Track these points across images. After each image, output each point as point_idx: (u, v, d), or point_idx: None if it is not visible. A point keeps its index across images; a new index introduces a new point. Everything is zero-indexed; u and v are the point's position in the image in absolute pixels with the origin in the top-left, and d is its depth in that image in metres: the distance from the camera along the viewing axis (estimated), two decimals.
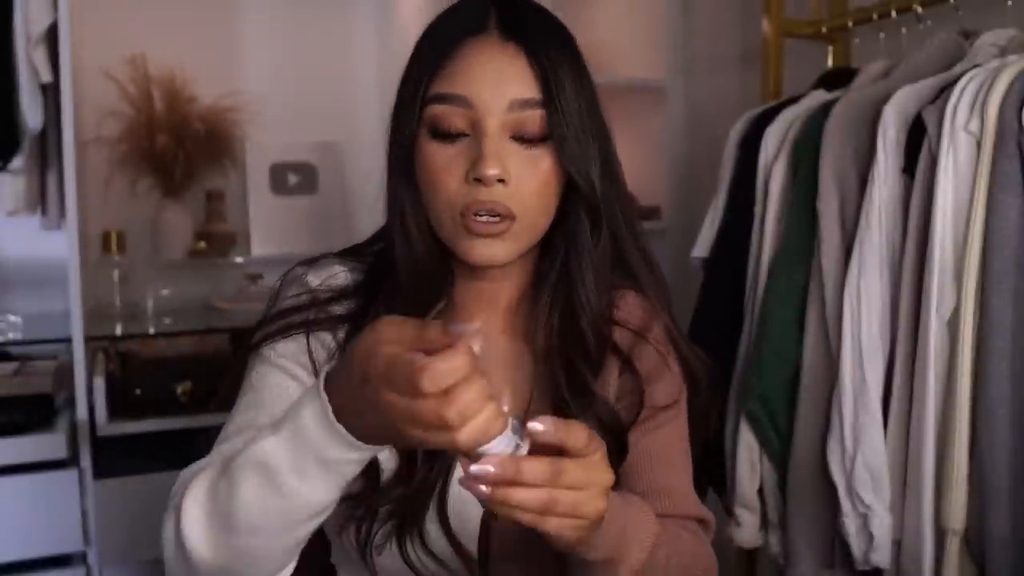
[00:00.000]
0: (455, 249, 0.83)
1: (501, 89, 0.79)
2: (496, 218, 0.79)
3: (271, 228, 2.54)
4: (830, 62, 1.71)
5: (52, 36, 1.83)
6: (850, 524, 1.27)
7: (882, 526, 1.24)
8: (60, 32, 1.80)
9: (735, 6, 2.07)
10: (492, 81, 0.79)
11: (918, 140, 1.22)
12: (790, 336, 1.38)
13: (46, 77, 1.83)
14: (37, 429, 1.88)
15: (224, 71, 2.55)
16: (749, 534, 1.47)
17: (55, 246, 2.02)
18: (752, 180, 1.50)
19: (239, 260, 2.54)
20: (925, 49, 1.35)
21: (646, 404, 0.89)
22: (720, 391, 1.42)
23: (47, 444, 1.86)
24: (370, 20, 2.73)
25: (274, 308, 0.89)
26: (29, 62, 1.81)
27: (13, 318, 2.15)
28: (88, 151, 2.32)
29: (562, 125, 0.80)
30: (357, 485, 0.86)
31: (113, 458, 1.94)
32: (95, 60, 2.30)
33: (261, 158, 2.57)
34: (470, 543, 0.85)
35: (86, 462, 1.88)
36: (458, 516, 0.84)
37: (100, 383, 1.94)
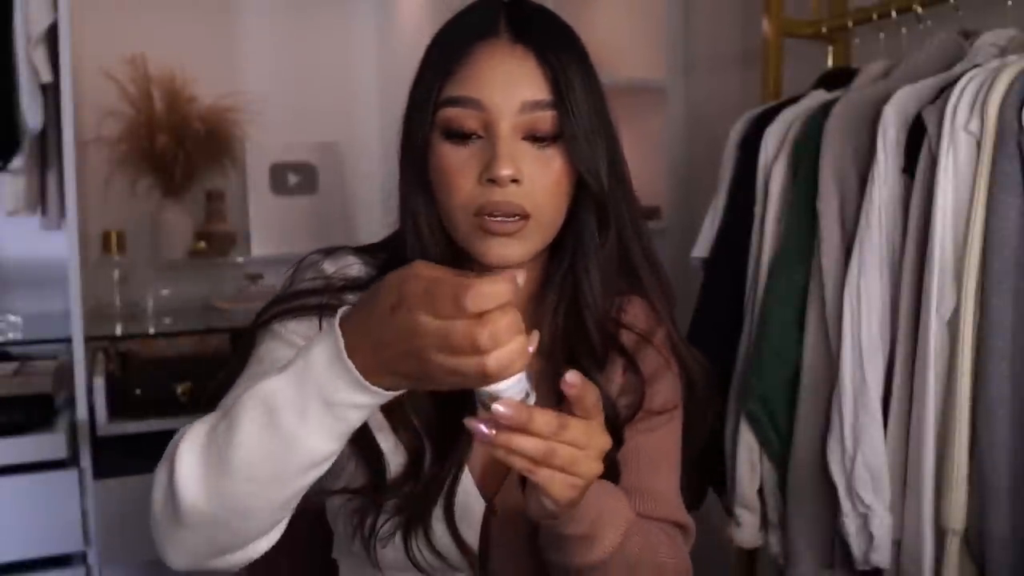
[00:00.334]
0: (470, 250, 0.83)
1: (512, 91, 0.80)
2: (512, 218, 0.80)
3: (271, 228, 2.54)
4: (830, 62, 1.71)
5: (52, 36, 1.83)
6: (850, 524, 1.27)
7: (882, 526, 1.24)
8: (60, 32, 1.80)
9: (735, 6, 2.07)
10: (504, 83, 0.80)
11: (918, 140, 1.22)
12: (790, 336, 1.38)
13: (46, 77, 1.83)
14: (37, 429, 1.88)
15: (224, 71, 2.56)
16: (749, 534, 1.47)
17: (55, 246, 2.02)
18: (752, 180, 1.50)
19: (239, 260, 2.54)
20: (925, 49, 1.35)
21: (644, 405, 0.90)
22: (718, 394, 1.43)
23: (47, 444, 1.86)
24: (370, 20, 2.73)
25: (289, 289, 0.90)
26: (29, 62, 1.81)
27: (13, 318, 2.15)
28: (88, 151, 2.32)
29: (573, 125, 0.81)
30: (362, 478, 0.86)
31: (113, 458, 1.94)
32: (95, 60, 2.30)
33: (261, 158, 2.58)
34: (472, 539, 0.86)
35: (86, 462, 1.88)
36: (461, 513, 0.85)
37: (100, 383, 1.94)
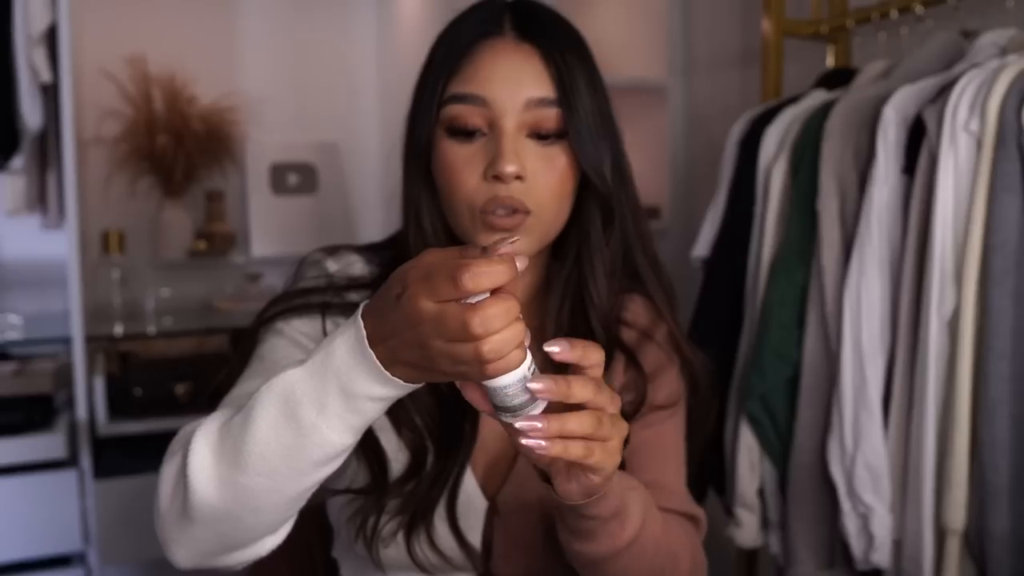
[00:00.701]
0: None
1: (517, 88, 0.80)
2: (512, 211, 0.80)
3: (271, 228, 2.54)
4: (830, 62, 1.71)
5: (52, 36, 1.83)
6: (850, 524, 1.27)
7: (882, 526, 1.24)
8: (60, 32, 1.80)
9: (735, 6, 2.07)
10: (508, 81, 0.81)
11: (918, 140, 1.22)
12: (790, 336, 1.38)
13: (46, 77, 1.83)
14: (37, 429, 1.88)
15: (224, 71, 2.56)
16: (749, 534, 1.47)
17: (55, 246, 2.03)
18: (752, 180, 1.50)
19: (239, 260, 2.54)
20: (925, 49, 1.35)
21: (647, 401, 0.90)
22: (720, 393, 1.43)
23: (47, 444, 1.86)
24: (370, 20, 2.73)
25: (292, 287, 0.90)
26: (29, 62, 1.81)
27: (13, 318, 2.15)
28: (88, 151, 2.32)
29: (577, 123, 0.81)
30: (364, 478, 0.86)
31: (113, 458, 1.95)
32: (95, 60, 2.30)
33: (261, 158, 2.57)
34: (474, 538, 0.86)
35: (86, 462, 1.88)
36: (464, 512, 0.85)
37: (100, 383, 1.95)
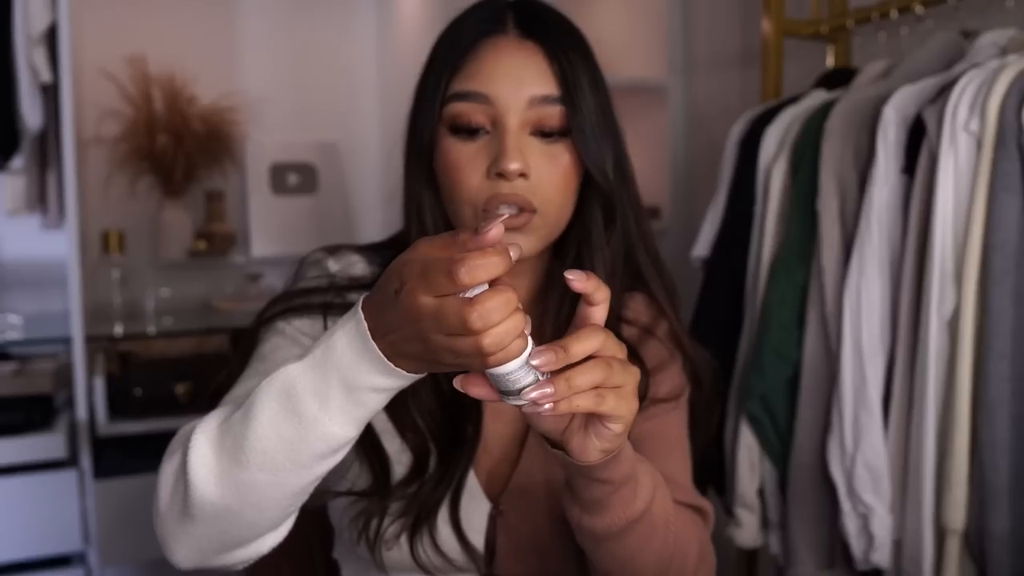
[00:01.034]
0: None
1: (520, 86, 0.80)
2: (517, 211, 0.80)
3: (271, 228, 2.54)
4: (830, 62, 1.71)
5: (52, 36, 1.83)
6: (850, 524, 1.27)
7: (882, 526, 1.24)
8: (60, 32, 1.80)
9: (735, 6, 2.07)
10: (512, 78, 0.80)
11: (918, 140, 1.22)
12: (790, 336, 1.38)
13: (46, 77, 1.83)
14: (37, 429, 1.88)
15: (224, 71, 2.56)
16: (749, 534, 1.47)
17: (55, 246, 2.03)
18: (752, 180, 1.50)
19: (239, 260, 2.54)
20: (925, 49, 1.35)
21: (649, 395, 0.90)
22: (721, 391, 1.42)
23: (47, 444, 1.86)
24: (370, 20, 2.73)
25: (293, 287, 0.90)
26: (29, 62, 1.81)
27: (13, 318, 2.15)
28: (88, 151, 2.32)
29: (580, 120, 0.81)
30: (366, 480, 0.86)
31: (113, 458, 1.95)
32: (95, 60, 2.30)
33: (261, 158, 2.57)
34: (477, 541, 0.86)
35: (86, 462, 1.88)
36: (467, 514, 0.85)
37: (100, 383, 1.95)
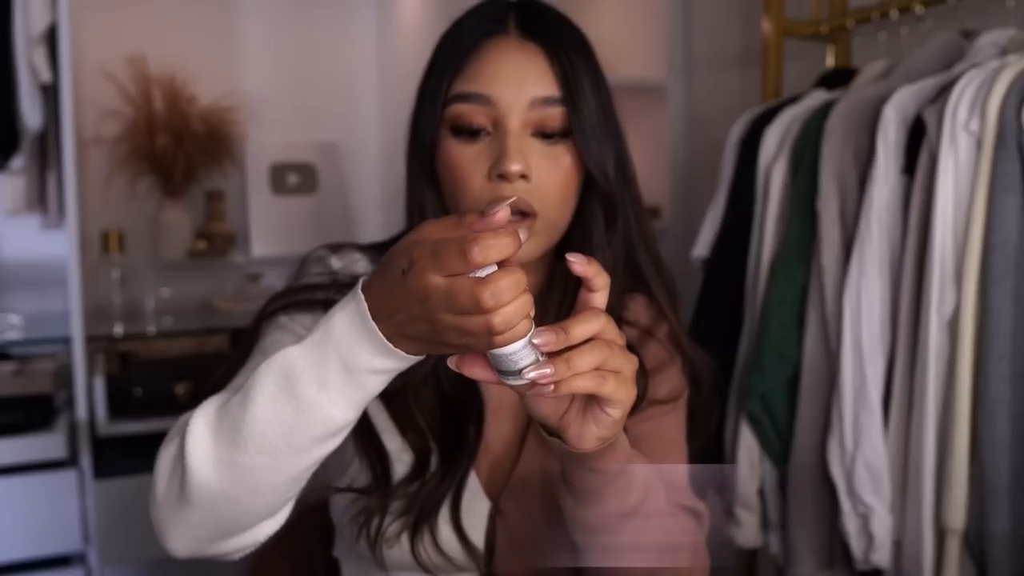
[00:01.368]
0: None
1: (522, 87, 0.80)
2: (521, 215, 0.79)
3: (271, 228, 2.54)
4: (830, 62, 1.71)
5: (52, 36, 1.83)
6: (850, 524, 1.27)
7: (882, 526, 1.24)
8: (60, 32, 1.80)
9: (735, 6, 2.07)
10: (513, 80, 0.80)
11: (918, 140, 1.22)
12: (790, 336, 1.38)
13: (46, 77, 1.83)
14: (37, 429, 1.88)
15: (224, 71, 2.56)
16: (749, 534, 1.47)
17: (55, 246, 2.03)
18: (752, 180, 1.50)
19: (239, 260, 2.54)
20: (925, 49, 1.35)
21: (648, 396, 0.90)
22: (721, 393, 1.42)
23: (47, 444, 1.86)
24: (370, 20, 2.73)
25: (295, 283, 0.90)
26: (29, 62, 1.81)
27: (13, 318, 2.15)
28: (88, 151, 2.32)
29: (582, 122, 0.81)
30: (366, 478, 0.86)
31: (113, 458, 1.95)
32: (95, 60, 2.30)
33: (261, 158, 2.57)
34: (478, 540, 0.86)
35: (86, 462, 1.88)
36: (468, 513, 0.85)
37: (100, 383, 1.95)
